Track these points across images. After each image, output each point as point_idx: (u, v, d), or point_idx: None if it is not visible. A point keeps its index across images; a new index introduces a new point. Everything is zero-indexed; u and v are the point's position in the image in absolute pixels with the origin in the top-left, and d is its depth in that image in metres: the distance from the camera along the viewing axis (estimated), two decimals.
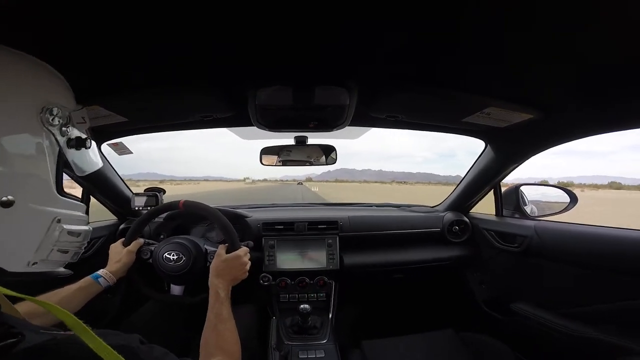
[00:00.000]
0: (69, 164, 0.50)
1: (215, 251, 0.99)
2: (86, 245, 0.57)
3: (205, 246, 1.09)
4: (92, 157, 0.54)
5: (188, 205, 1.02)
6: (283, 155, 1.43)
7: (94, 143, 0.53)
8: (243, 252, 0.94)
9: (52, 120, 0.43)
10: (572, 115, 1.00)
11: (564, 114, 1.00)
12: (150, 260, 1.03)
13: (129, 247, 1.01)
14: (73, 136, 0.47)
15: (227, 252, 0.93)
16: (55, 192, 0.47)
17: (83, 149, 0.50)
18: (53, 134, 0.44)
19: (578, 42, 0.62)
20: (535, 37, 0.62)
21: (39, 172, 0.44)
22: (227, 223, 1.00)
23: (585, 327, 1.13)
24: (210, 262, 1.01)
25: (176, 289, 1.07)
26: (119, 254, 0.99)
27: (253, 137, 1.43)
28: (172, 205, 1.05)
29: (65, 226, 0.48)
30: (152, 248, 1.05)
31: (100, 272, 0.91)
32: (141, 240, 1.05)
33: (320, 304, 1.45)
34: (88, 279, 0.88)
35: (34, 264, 0.45)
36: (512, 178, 1.50)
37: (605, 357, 1.04)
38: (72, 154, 0.49)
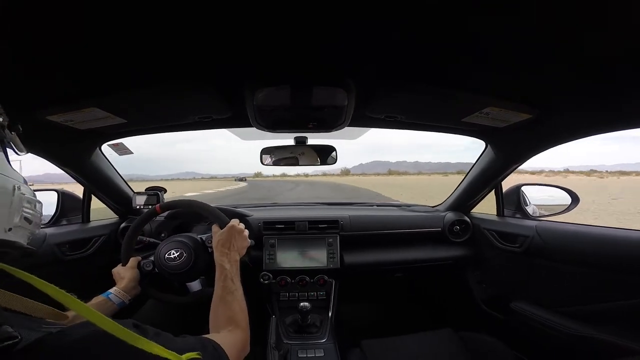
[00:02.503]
0: (9, 144, 0.54)
1: (209, 236, 1.02)
2: (43, 217, 0.60)
3: (199, 236, 1.10)
4: (20, 142, 0.57)
5: (164, 207, 1.06)
6: (283, 155, 1.43)
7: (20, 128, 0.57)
8: (235, 221, 0.96)
9: None
10: (572, 115, 1.00)
11: (563, 114, 0.99)
12: (156, 270, 1.04)
13: (128, 264, 1.02)
14: (5, 121, 0.52)
15: (220, 228, 0.95)
16: (8, 164, 0.51)
17: (16, 131, 0.55)
18: None
19: (578, 42, 0.62)
20: (535, 37, 0.61)
21: None
22: (206, 205, 1.03)
23: (585, 326, 1.12)
24: (210, 249, 1.03)
25: (194, 285, 1.08)
26: (121, 273, 0.99)
27: (253, 137, 1.43)
28: (151, 212, 1.08)
29: (24, 194, 0.52)
30: (152, 258, 1.05)
31: (111, 290, 0.92)
32: (138, 257, 1.06)
33: (320, 302, 1.46)
34: (99, 297, 0.88)
35: (9, 229, 0.47)
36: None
37: (605, 357, 1.03)
38: (8, 135, 0.53)
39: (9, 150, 0.53)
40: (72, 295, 0.39)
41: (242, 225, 0.97)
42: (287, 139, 1.38)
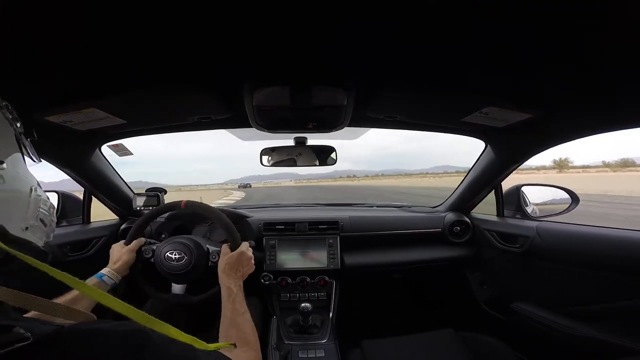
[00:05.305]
0: (26, 149, 0.55)
1: (217, 250, 1.02)
2: (56, 216, 0.61)
3: (207, 245, 1.10)
4: (34, 150, 0.58)
5: (190, 205, 1.04)
6: (281, 157, 1.43)
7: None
8: (245, 247, 0.97)
9: (8, 113, 0.50)
10: (572, 114, 1.00)
11: (563, 113, 0.99)
12: (152, 260, 1.04)
13: (130, 246, 1.01)
14: (22, 129, 0.53)
15: (231, 250, 0.95)
16: (26, 166, 0.53)
17: (31, 138, 0.56)
18: (11, 124, 0.51)
19: (578, 42, 0.62)
20: (535, 37, 0.61)
21: (14, 149, 0.51)
22: (229, 222, 1.02)
23: (585, 327, 1.12)
24: (212, 262, 1.04)
25: (177, 288, 1.07)
26: (119, 252, 0.99)
27: (253, 138, 1.43)
28: (175, 205, 1.06)
29: (40, 196, 0.53)
30: (154, 247, 1.05)
31: (103, 270, 0.92)
32: (142, 239, 1.05)
33: (320, 303, 1.46)
34: (92, 278, 0.88)
35: (26, 228, 0.48)
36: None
37: (606, 357, 1.03)
38: (24, 142, 0.54)
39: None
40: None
41: (250, 252, 0.98)
42: (287, 140, 1.38)
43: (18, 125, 0.52)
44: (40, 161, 0.59)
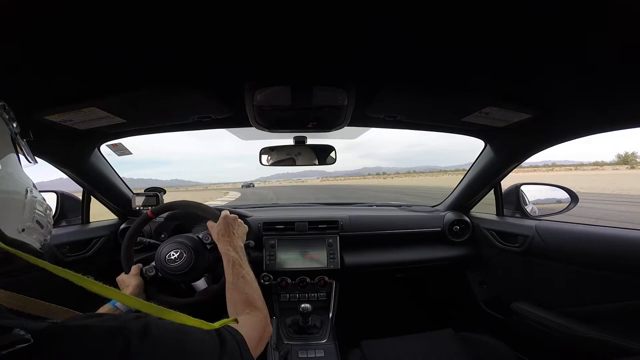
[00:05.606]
0: (22, 150, 0.55)
1: (206, 232, 1.05)
2: (52, 216, 0.60)
3: (196, 235, 1.11)
4: (30, 151, 0.58)
5: (155, 211, 1.09)
6: (280, 157, 1.43)
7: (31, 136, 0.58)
8: (225, 212, 0.98)
9: (4, 113, 0.50)
10: (572, 114, 1.00)
11: (563, 113, 1.00)
12: (160, 274, 1.04)
13: (132, 272, 1.01)
14: (18, 129, 0.53)
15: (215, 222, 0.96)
16: (21, 167, 0.53)
17: (27, 139, 0.56)
18: (7, 124, 0.50)
19: (578, 42, 0.62)
20: (535, 37, 0.61)
21: (9, 150, 0.50)
22: (197, 203, 1.06)
23: (585, 327, 1.12)
24: (208, 244, 1.06)
25: (199, 285, 1.08)
26: (125, 281, 0.99)
27: (252, 137, 1.43)
28: (144, 218, 1.10)
29: (36, 197, 0.53)
30: (153, 263, 1.05)
31: None
32: (139, 264, 1.05)
33: (320, 303, 1.46)
34: (106, 306, 0.86)
35: (22, 230, 0.48)
36: None
37: (605, 357, 1.03)
38: (20, 143, 0.54)
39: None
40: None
41: (232, 215, 0.98)
42: (287, 139, 1.38)
43: (14, 125, 0.51)
44: (36, 162, 0.58)
